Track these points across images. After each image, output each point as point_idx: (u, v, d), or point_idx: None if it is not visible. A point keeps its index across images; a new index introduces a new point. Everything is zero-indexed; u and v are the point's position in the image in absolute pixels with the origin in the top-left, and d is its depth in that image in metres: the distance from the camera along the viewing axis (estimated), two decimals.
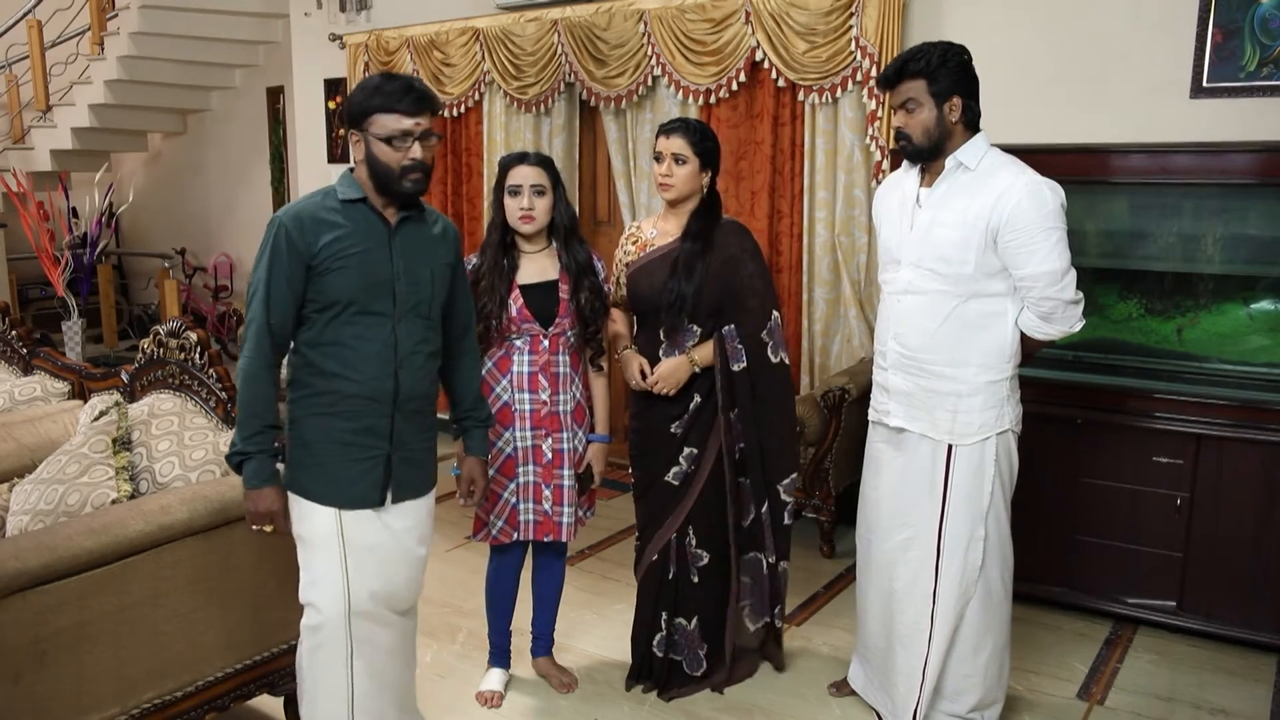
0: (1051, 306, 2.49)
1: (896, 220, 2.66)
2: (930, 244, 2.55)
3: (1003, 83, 3.85)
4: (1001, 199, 2.45)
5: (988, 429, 2.57)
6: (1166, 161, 3.34)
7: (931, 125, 2.52)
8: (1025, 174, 2.49)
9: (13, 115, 7.51)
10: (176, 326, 2.87)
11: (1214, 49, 3.46)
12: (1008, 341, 2.56)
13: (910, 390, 2.63)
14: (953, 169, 2.55)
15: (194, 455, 2.61)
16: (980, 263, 2.49)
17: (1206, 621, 3.28)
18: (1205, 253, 3.46)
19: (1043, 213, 2.44)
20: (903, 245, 2.62)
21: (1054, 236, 2.44)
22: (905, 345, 2.62)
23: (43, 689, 2.14)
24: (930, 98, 2.50)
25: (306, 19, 6.14)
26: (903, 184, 2.69)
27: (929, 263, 2.55)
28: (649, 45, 4.55)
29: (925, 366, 2.59)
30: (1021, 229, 2.43)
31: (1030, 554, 3.51)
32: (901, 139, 2.59)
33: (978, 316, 2.54)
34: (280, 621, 2.63)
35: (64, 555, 2.14)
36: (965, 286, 2.52)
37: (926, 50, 2.51)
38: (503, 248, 2.76)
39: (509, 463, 2.79)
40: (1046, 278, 2.46)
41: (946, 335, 2.55)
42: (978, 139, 2.56)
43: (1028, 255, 2.44)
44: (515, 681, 3.09)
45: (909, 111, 2.53)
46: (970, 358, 2.55)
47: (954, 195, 2.54)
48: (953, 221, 2.51)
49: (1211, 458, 3.21)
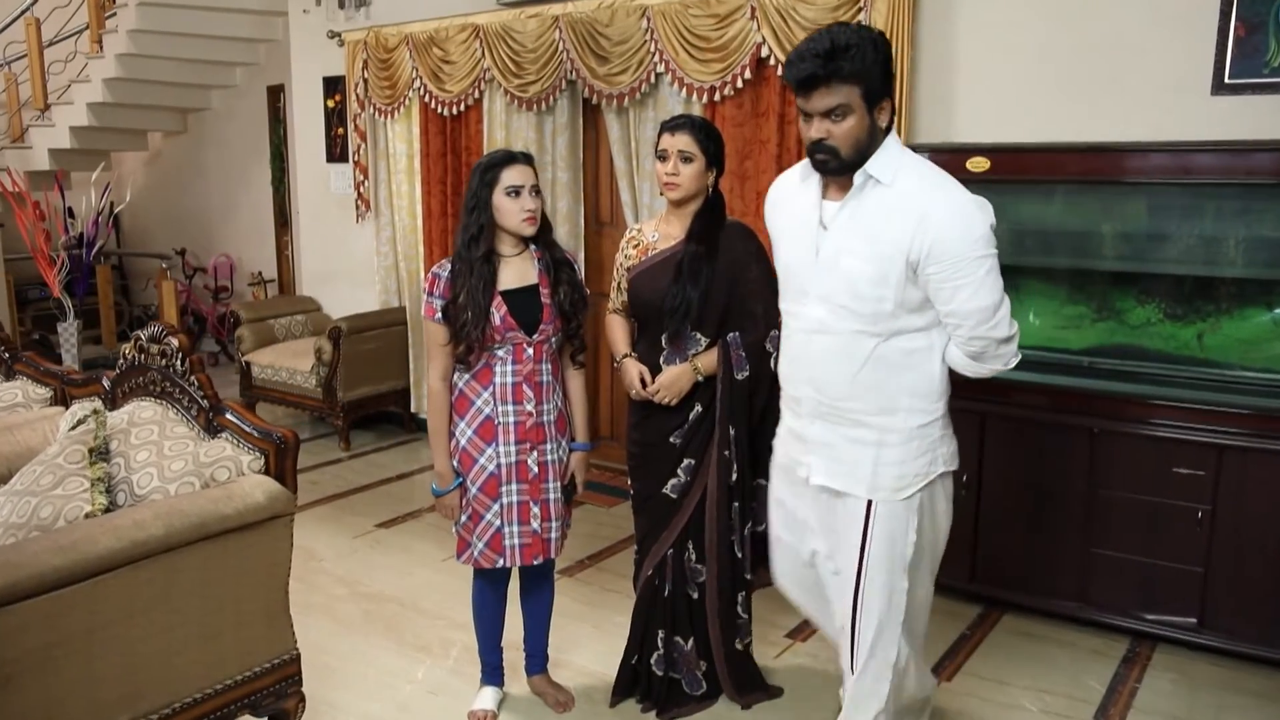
0: (982, 346, 2.15)
1: (797, 240, 2.27)
2: (841, 277, 2.16)
3: (1016, 79, 3.75)
4: (923, 225, 2.07)
5: (920, 478, 2.26)
6: (1187, 161, 3.23)
7: (863, 136, 2.09)
8: (948, 191, 2.12)
9: (11, 114, 7.44)
10: (157, 331, 2.76)
11: (1236, 44, 3.33)
12: (937, 378, 2.24)
13: (833, 441, 2.28)
14: (861, 184, 2.14)
15: (173, 466, 2.50)
16: (901, 299, 2.14)
17: (1229, 640, 3.16)
18: (1227, 255, 3.34)
19: (971, 240, 2.07)
20: (808, 274, 2.24)
21: (984, 267, 2.08)
22: (824, 392, 2.27)
23: (9, 714, 2.04)
24: (862, 102, 2.07)
25: (305, 16, 6.06)
26: (800, 195, 2.28)
27: (841, 299, 2.18)
28: (652, 41, 4.44)
29: (847, 414, 2.25)
30: (947, 261, 2.07)
31: (1044, 567, 3.42)
32: (823, 153, 2.12)
33: (901, 355, 2.20)
34: (263, 639, 2.52)
35: (30, 574, 2.03)
36: (885, 325, 2.17)
37: (857, 42, 2.04)
38: (485, 256, 2.59)
39: (492, 481, 2.66)
40: (977, 315, 2.11)
41: (869, 379, 2.21)
42: (890, 144, 2.14)
43: (954, 290, 2.09)
44: (509, 700, 2.98)
45: (835, 120, 2.08)
46: (898, 402, 2.21)
47: (865, 217, 2.14)
48: (865, 251, 2.13)
49: (1234, 469, 3.10)
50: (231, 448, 2.54)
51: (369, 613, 3.59)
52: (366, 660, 3.25)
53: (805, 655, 3.27)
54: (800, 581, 2.56)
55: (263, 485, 2.46)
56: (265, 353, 5.90)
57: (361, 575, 3.90)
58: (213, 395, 2.64)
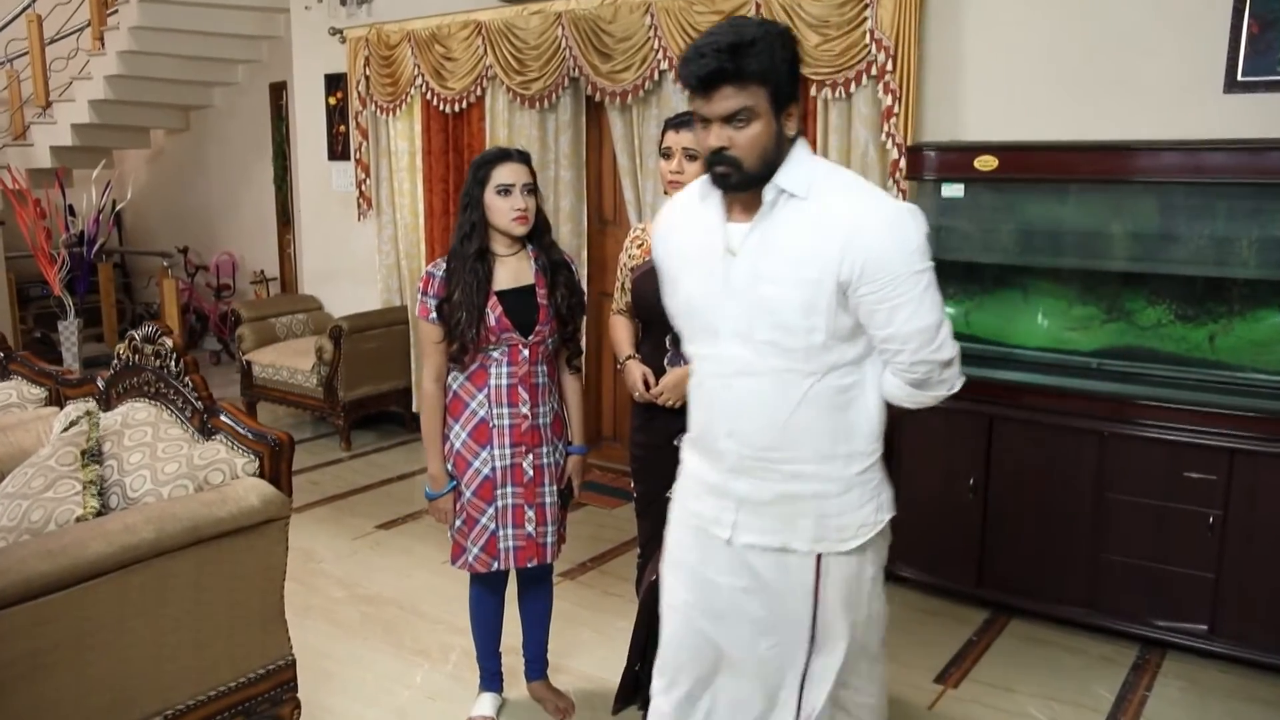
0: (926, 371, 1.89)
1: (701, 271, 1.94)
2: (760, 309, 1.87)
3: (1024, 77, 3.69)
4: (852, 241, 1.79)
5: (867, 527, 1.97)
6: (1199, 160, 3.17)
7: (769, 145, 1.81)
8: (876, 200, 1.87)
9: (13, 111, 7.41)
10: (152, 331, 2.72)
11: (1249, 41, 3.28)
12: (875, 416, 1.96)
13: (766, 498, 1.96)
14: (773, 200, 1.85)
15: (166, 469, 2.46)
16: (833, 328, 1.85)
17: (1240, 647, 3.11)
18: (1240, 256, 3.28)
19: (907, 253, 1.81)
20: (718, 310, 1.92)
21: (923, 282, 1.83)
22: (748, 444, 1.94)
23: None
24: (769, 106, 1.80)
25: (307, 13, 6.02)
26: (698, 219, 1.97)
27: (764, 334, 1.87)
28: (655, 38, 4.40)
29: (778, 467, 1.93)
30: (884, 278, 1.80)
31: (1053, 572, 3.37)
32: (723, 165, 1.83)
33: (836, 394, 1.91)
34: (257, 645, 2.49)
35: (16, 580, 1.99)
36: (818, 360, 1.88)
37: (764, 36, 1.79)
38: (479, 254, 2.57)
39: (487, 485, 2.63)
40: (919, 337, 1.85)
41: (802, 424, 1.91)
42: (800, 151, 1.87)
43: (891, 311, 1.83)
44: (508, 706, 2.94)
45: (738, 126, 1.79)
46: (836, 448, 1.93)
47: (781, 237, 1.85)
48: (787, 276, 1.84)
49: (1246, 473, 3.04)
50: (226, 450, 2.50)
51: (368, 615, 3.55)
52: (364, 664, 3.21)
53: None
54: (698, 656, 2.11)
55: (257, 488, 2.42)
56: (266, 352, 5.86)
57: (361, 577, 3.86)
58: (207, 396, 2.60)
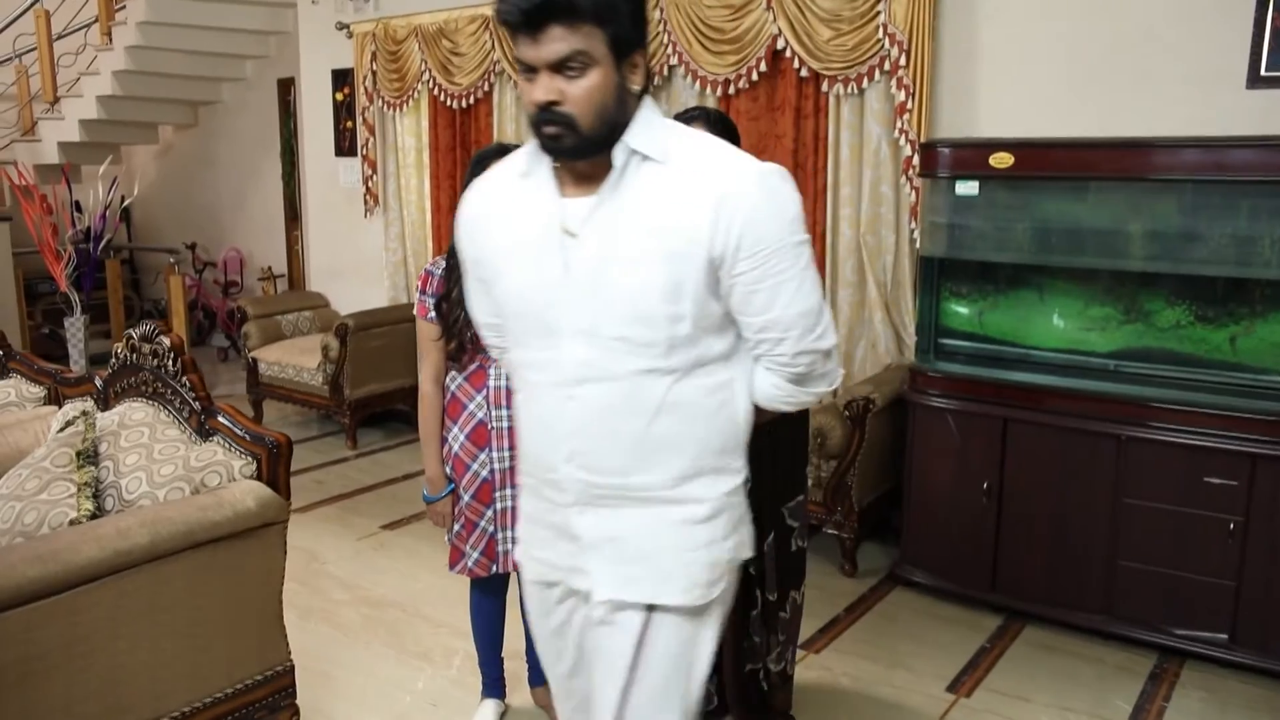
0: (810, 363, 1.59)
1: (531, 259, 1.58)
2: (612, 299, 1.52)
3: (1041, 73, 3.62)
4: (725, 208, 1.48)
5: (724, 572, 1.64)
6: (1221, 157, 3.09)
7: (609, 100, 1.48)
8: (743, 161, 1.55)
9: (21, 107, 7.39)
10: (149, 330, 2.68)
11: (1274, 35, 3.20)
12: (743, 424, 1.64)
13: (620, 533, 1.60)
14: (623, 164, 1.52)
15: (162, 471, 2.41)
16: (700, 315, 1.53)
17: (1261, 657, 3.03)
18: (1262, 255, 3.19)
19: (786, 220, 1.52)
20: (556, 304, 1.56)
21: (804, 256, 1.55)
22: (595, 469, 1.58)
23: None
24: (609, 53, 1.46)
25: (314, 7, 5.98)
26: (522, 197, 1.62)
27: (614, 328, 1.53)
28: (665, 33, 4.34)
29: (634, 493, 1.58)
30: (763, 251, 1.50)
31: (1068, 578, 3.30)
32: (555, 124, 1.47)
33: (703, 395, 1.58)
34: (254, 651, 2.44)
35: (6, 585, 1.94)
36: (681, 355, 1.54)
37: None
38: None
39: (485, 487, 2.57)
40: (803, 321, 1.56)
41: (663, 436, 1.56)
42: (647, 112, 1.55)
43: (773, 291, 1.52)
44: (511, 713, 2.88)
45: (571, 75, 1.45)
46: (702, 462, 1.59)
47: (634, 209, 1.52)
48: (647, 254, 1.50)
49: (1268, 479, 2.96)
50: (223, 451, 2.45)
51: (370, 618, 3.50)
52: (366, 669, 3.16)
53: (819, 668, 3.16)
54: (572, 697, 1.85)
55: (254, 491, 2.37)
56: (272, 349, 5.83)
57: (364, 579, 3.81)
58: (205, 397, 2.55)
